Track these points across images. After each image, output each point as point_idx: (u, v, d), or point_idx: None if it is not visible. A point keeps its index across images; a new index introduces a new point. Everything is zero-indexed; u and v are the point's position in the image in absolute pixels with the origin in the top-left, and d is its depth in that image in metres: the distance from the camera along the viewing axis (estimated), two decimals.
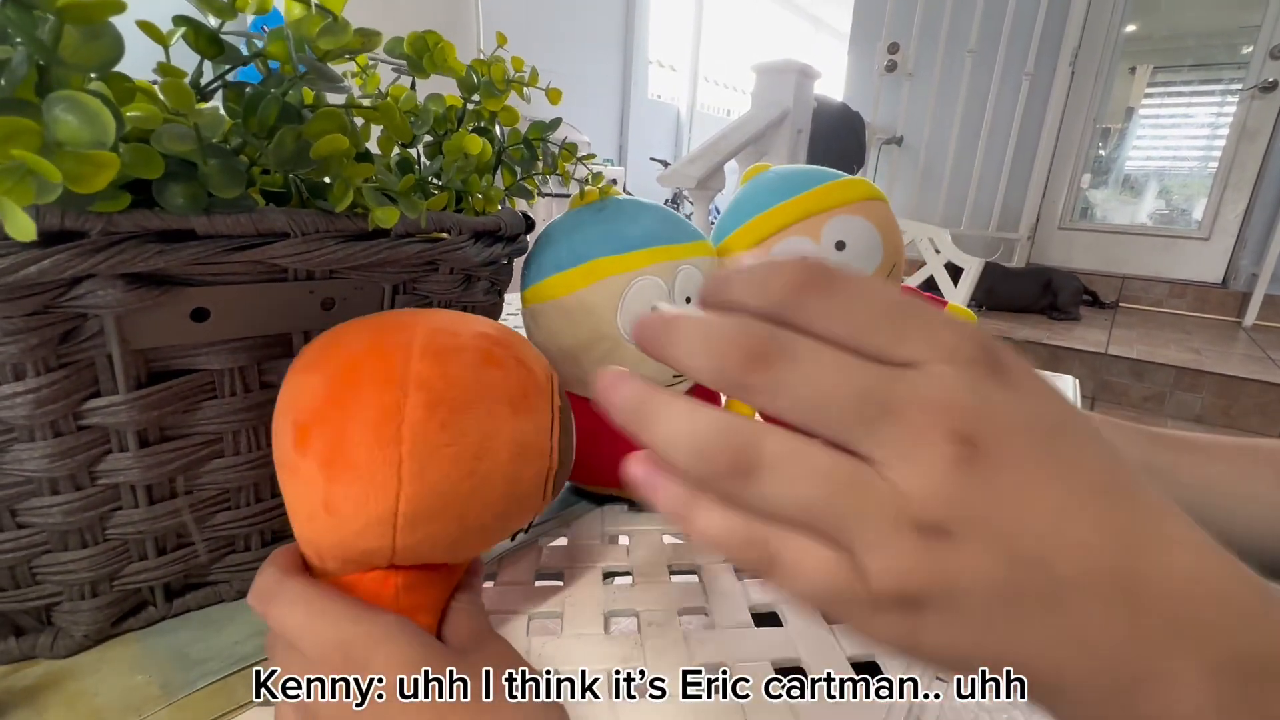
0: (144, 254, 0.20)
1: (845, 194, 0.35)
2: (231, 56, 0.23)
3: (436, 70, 0.30)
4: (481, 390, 0.21)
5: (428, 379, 0.20)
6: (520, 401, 0.22)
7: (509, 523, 0.23)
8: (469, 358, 0.21)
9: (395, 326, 0.22)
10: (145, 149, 0.19)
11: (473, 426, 0.20)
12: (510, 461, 0.21)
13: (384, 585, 0.21)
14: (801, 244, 0.35)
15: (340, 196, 0.22)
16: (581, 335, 0.31)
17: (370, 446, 0.19)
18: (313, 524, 0.20)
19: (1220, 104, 2.28)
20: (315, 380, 0.21)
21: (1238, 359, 1.66)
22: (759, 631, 0.29)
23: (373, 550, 0.20)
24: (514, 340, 0.24)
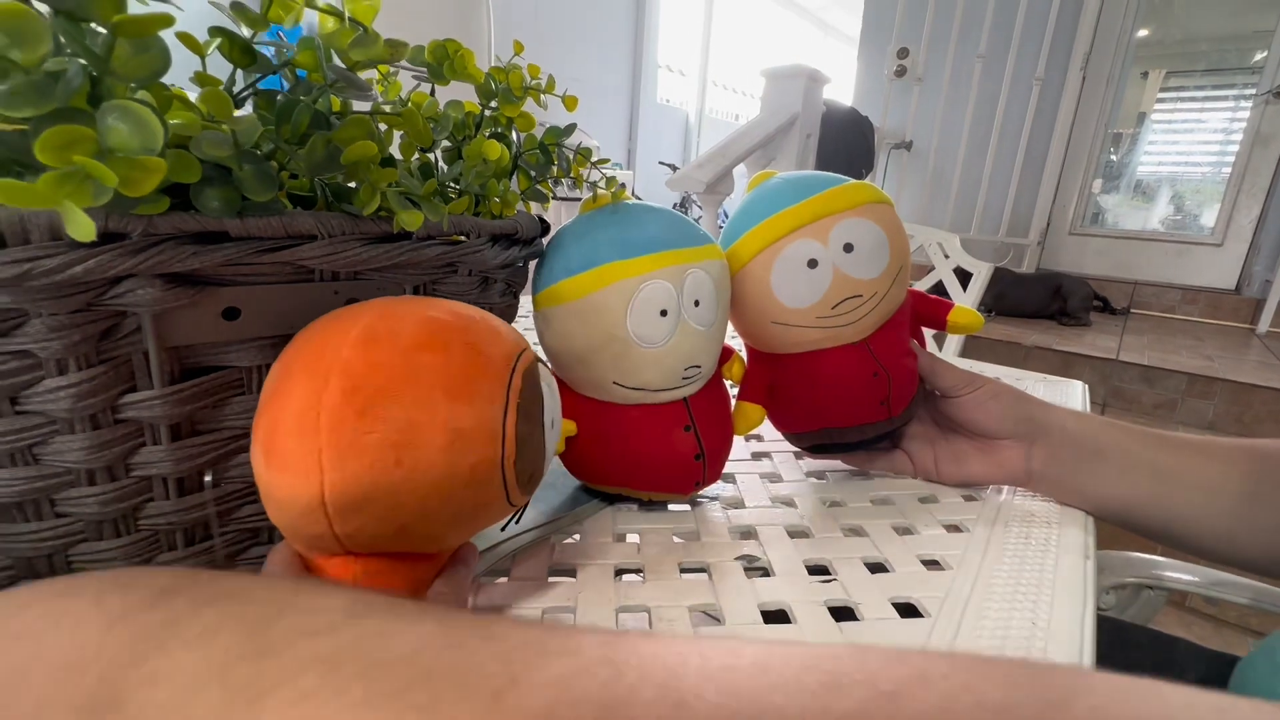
0: (180, 255, 0.21)
1: (852, 198, 0.36)
2: (263, 66, 0.24)
3: (456, 77, 0.31)
4: (411, 376, 0.20)
5: (350, 366, 0.20)
6: (461, 388, 0.21)
7: (462, 512, 0.22)
8: (402, 342, 0.21)
9: (348, 315, 0.22)
10: (184, 155, 0.20)
11: (398, 413, 0.20)
12: (444, 450, 0.20)
13: (344, 571, 0.21)
14: (810, 247, 0.35)
15: (367, 200, 0.23)
16: (593, 338, 0.32)
17: (294, 435, 0.19)
18: (268, 509, 0.21)
19: (1234, 109, 2.26)
20: (274, 371, 0.22)
21: (1251, 366, 1.65)
22: (769, 629, 0.29)
23: (318, 535, 0.20)
24: (471, 325, 0.23)
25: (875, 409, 0.39)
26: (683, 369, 0.33)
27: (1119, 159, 2.55)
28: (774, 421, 0.42)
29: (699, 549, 0.35)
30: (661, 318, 0.31)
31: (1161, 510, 0.38)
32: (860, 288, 0.36)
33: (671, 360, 0.33)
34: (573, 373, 0.35)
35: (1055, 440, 0.40)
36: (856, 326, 0.37)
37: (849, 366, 0.38)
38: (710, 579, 0.33)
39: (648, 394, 0.34)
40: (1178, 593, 0.51)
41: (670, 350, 0.32)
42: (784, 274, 0.35)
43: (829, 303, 0.36)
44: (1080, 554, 0.36)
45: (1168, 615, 1.35)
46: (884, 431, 0.41)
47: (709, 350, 0.34)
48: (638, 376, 0.33)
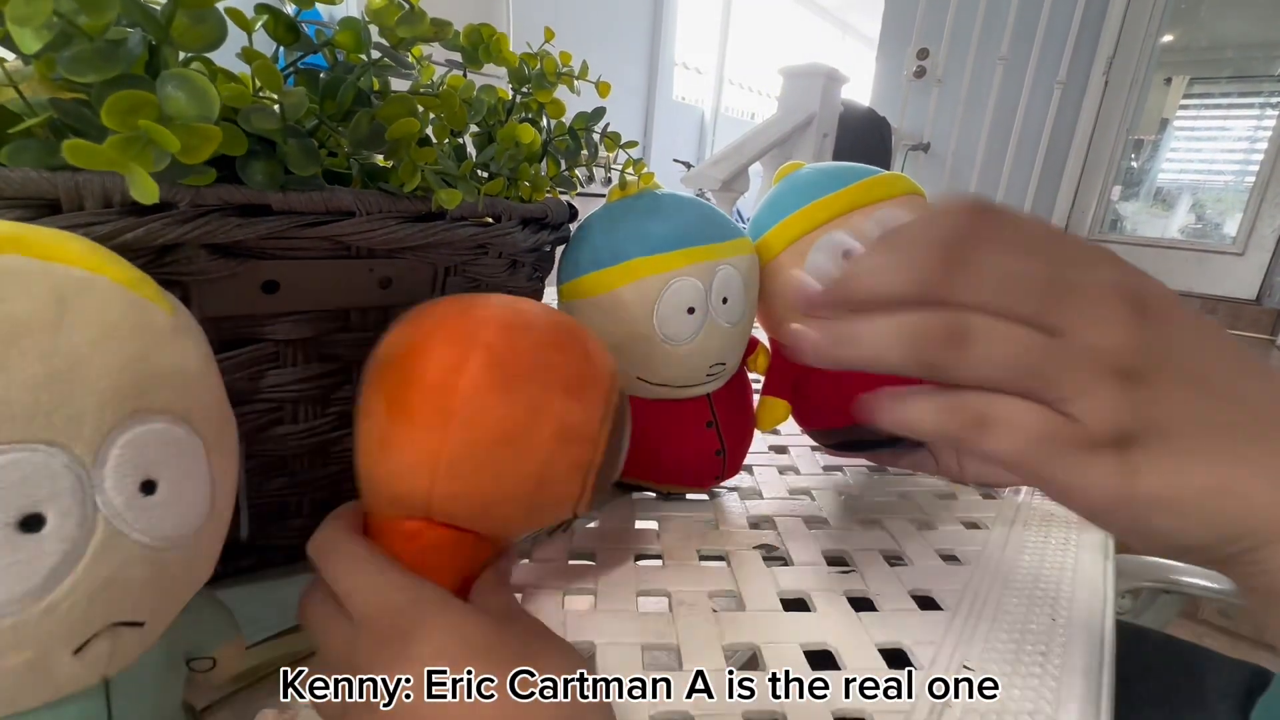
0: (225, 226, 0.21)
1: (887, 189, 0.35)
2: (305, 44, 0.24)
3: (491, 60, 0.31)
4: (540, 367, 0.22)
5: (494, 345, 0.21)
6: (575, 388, 0.23)
7: (542, 503, 0.23)
8: (537, 336, 0.23)
9: (481, 303, 0.24)
10: (231, 127, 0.20)
11: (524, 397, 0.21)
12: (551, 439, 0.22)
13: (416, 537, 0.22)
14: (844, 238, 0.34)
15: (408, 177, 0.23)
16: (618, 335, 0.32)
17: (429, 393, 0.21)
18: (369, 458, 0.22)
19: (1259, 117, 2.23)
20: (403, 334, 0.23)
21: None
22: (788, 615, 0.29)
23: (413, 490, 0.21)
24: (586, 335, 0.25)
25: None
26: (708, 366, 0.33)
27: (1140, 165, 2.51)
28: (798, 418, 0.41)
29: (718, 537, 0.35)
30: (688, 315, 0.31)
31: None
32: None
33: (697, 358, 0.33)
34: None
35: None
36: None
37: None
38: (730, 566, 0.33)
39: (671, 390, 0.34)
40: (1190, 605, 0.50)
41: (696, 349, 0.32)
42: (819, 264, 0.34)
43: None
44: (1100, 553, 0.36)
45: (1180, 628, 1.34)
46: None
47: (735, 348, 0.35)
48: (662, 374, 0.33)
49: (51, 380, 0.13)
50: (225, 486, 0.18)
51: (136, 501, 0.14)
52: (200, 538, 0.17)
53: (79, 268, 0.15)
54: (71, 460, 0.13)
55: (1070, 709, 0.25)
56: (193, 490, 0.16)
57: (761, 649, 0.27)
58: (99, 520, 0.13)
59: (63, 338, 0.13)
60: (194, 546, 0.16)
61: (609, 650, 0.26)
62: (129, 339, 0.15)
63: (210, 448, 0.17)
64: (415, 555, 0.22)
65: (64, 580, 0.13)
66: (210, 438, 0.17)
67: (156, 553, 0.15)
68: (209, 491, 0.17)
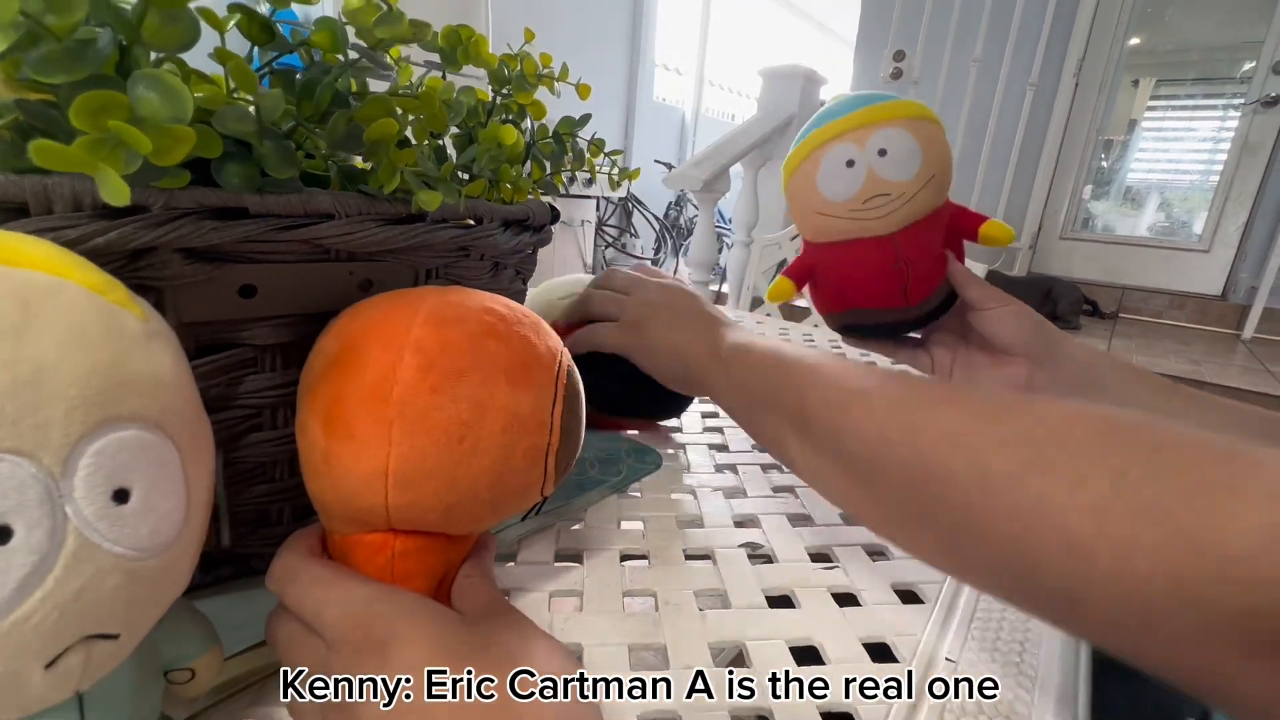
0: (201, 230, 0.21)
1: (896, 111, 0.41)
2: (280, 44, 0.24)
3: (470, 62, 0.31)
4: (478, 359, 0.21)
5: (424, 344, 0.21)
6: (520, 375, 0.22)
7: (505, 496, 0.23)
8: (470, 327, 0.22)
9: (409, 298, 0.23)
10: (206, 129, 0.20)
11: (466, 393, 0.21)
12: (503, 432, 0.21)
13: (382, 548, 0.22)
14: (849, 149, 0.41)
15: (387, 179, 0.23)
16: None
17: (364, 405, 0.20)
18: (316, 481, 0.21)
19: (1222, 118, 2.30)
20: (330, 344, 0.22)
21: (1236, 371, 1.67)
22: (774, 612, 0.29)
23: (368, 508, 0.21)
24: (523, 318, 0.24)
25: (895, 296, 0.43)
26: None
27: (1110, 165, 2.58)
28: (814, 303, 0.48)
29: (702, 536, 0.35)
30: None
31: None
32: (889, 188, 0.41)
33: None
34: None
35: (1061, 365, 0.42)
36: (884, 221, 0.42)
37: (873, 256, 0.43)
38: (715, 564, 0.33)
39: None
40: None
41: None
42: (827, 171, 0.41)
43: (861, 198, 0.41)
44: None
45: None
46: (905, 319, 0.45)
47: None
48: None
49: (16, 388, 0.13)
50: (201, 494, 0.17)
51: (109, 511, 0.14)
52: (176, 547, 0.16)
53: (43, 272, 0.14)
54: (39, 470, 0.13)
55: (1048, 695, 0.25)
56: (167, 499, 0.16)
57: (747, 646, 0.27)
58: (70, 531, 0.13)
59: (28, 344, 0.13)
60: (170, 556, 0.16)
61: (596, 651, 0.26)
62: (98, 345, 0.14)
63: (185, 455, 0.17)
64: (385, 566, 0.21)
65: (34, 593, 0.13)
66: (185, 445, 0.16)
67: (130, 563, 0.14)
68: (184, 500, 0.16)
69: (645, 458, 0.44)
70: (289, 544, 0.22)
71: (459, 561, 0.24)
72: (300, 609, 0.19)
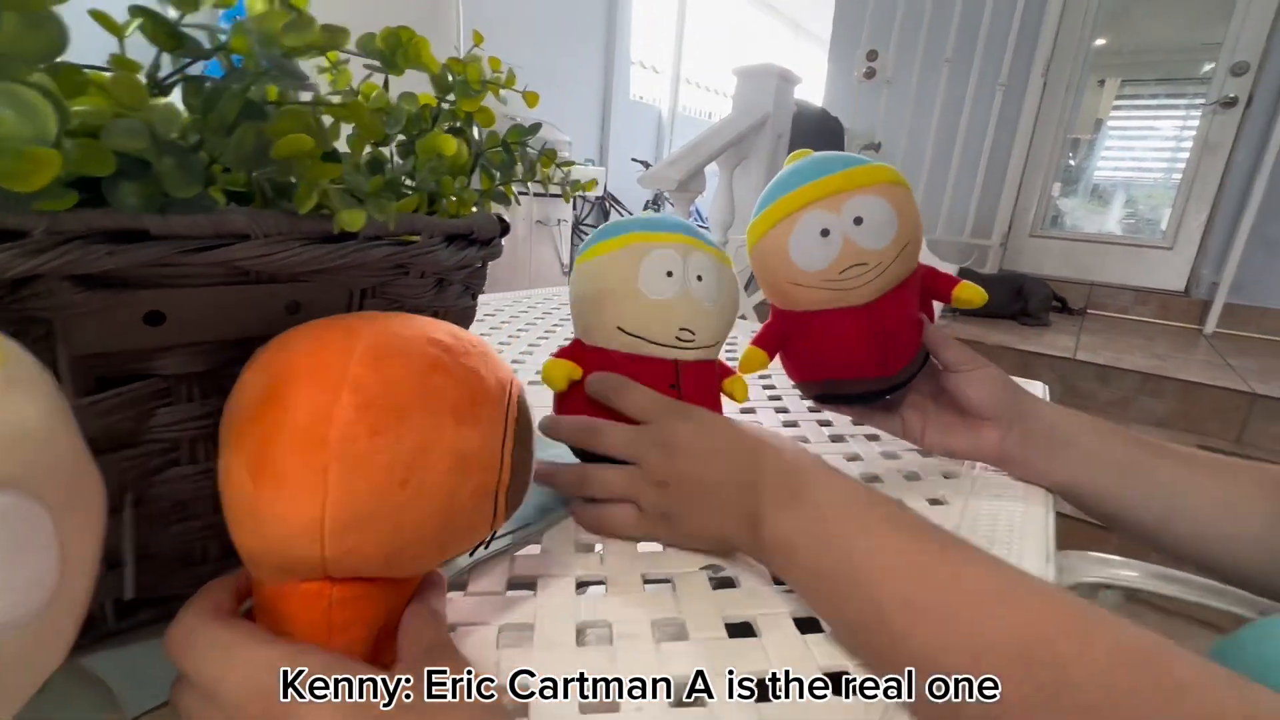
0: (92, 255, 0.19)
1: (868, 177, 0.40)
2: (192, 50, 0.22)
3: (410, 66, 0.29)
4: (422, 396, 0.20)
5: (363, 382, 0.19)
6: (466, 411, 0.21)
7: (452, 537, 0.22)
8: (413, 363, 0.20)
9: (344, 328, 0.21)
10: (95, 144, 0.18)
11: (409, 434, 0.19)
12: (448, 473, 0.20)
13: (318, 598, 0.20)
14: (824, 218, 0.40)
15: (304, 198, 0.21)
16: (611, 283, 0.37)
17: (297, 450, 0.18)
18: (242, 530, 0.20)
19: (1184, 118, 2.35)
20: (255, 380, 0.20)
21: (1198, 365, 1.71)
22: (733, 642, 0.28)
23: (302, 559, 0.19)
24: (471, 348, 0.23)
25: (873, 366, 0.43)
26: (678, 328, 0.37)
27: (1077, 164, 2.63)
28: (786, 370, 0.47)
29: (663, 560, 0.34)
30: (667, 278, 0.37)
31: (1118, 500, 0.41)
32: (866, 256, 0.40)
33: (668, 315, 0.37)
34: (586, 319, 0.39)
35: (1032, 427, 0.43)
36: (861, 291, 0.41)
37: (852, 326, 0.42)
38: (674, 591, 0.32)
39: (644, 344, 0.37)
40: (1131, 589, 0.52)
41: (672, 304, 0.37)
42: (800, 240, 0.40)
43: (837, 268, 0.40)
44: (1041, 556, 0.37)
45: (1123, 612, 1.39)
46: (882, 388, 0.44)
47: (707, 325, 0.38)
48: (636, 324, 0.37)
49: None
50: (82, 550, 0.16)
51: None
52: (50, 614, 0.15)
53: None
54: None
55: None
56: (29, 565, 0.14)
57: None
58: None
59: None
60: (42, 625, 0.14)
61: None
62: None
63: (59, 512, 0.15)
64: (321, 617, 0.20)
65: None
66: (59, 501, 0.15)
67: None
68: (55, 563, 0.15)
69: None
70: (190, 603, 0.20)
71: (403, 605, 0.23)
72: (199, 678, 0.18)
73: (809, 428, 0.55)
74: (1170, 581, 0.50)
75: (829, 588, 0.28)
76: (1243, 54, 2.11)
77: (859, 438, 0.53)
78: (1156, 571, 0.50)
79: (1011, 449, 0.44)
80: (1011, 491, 0.44)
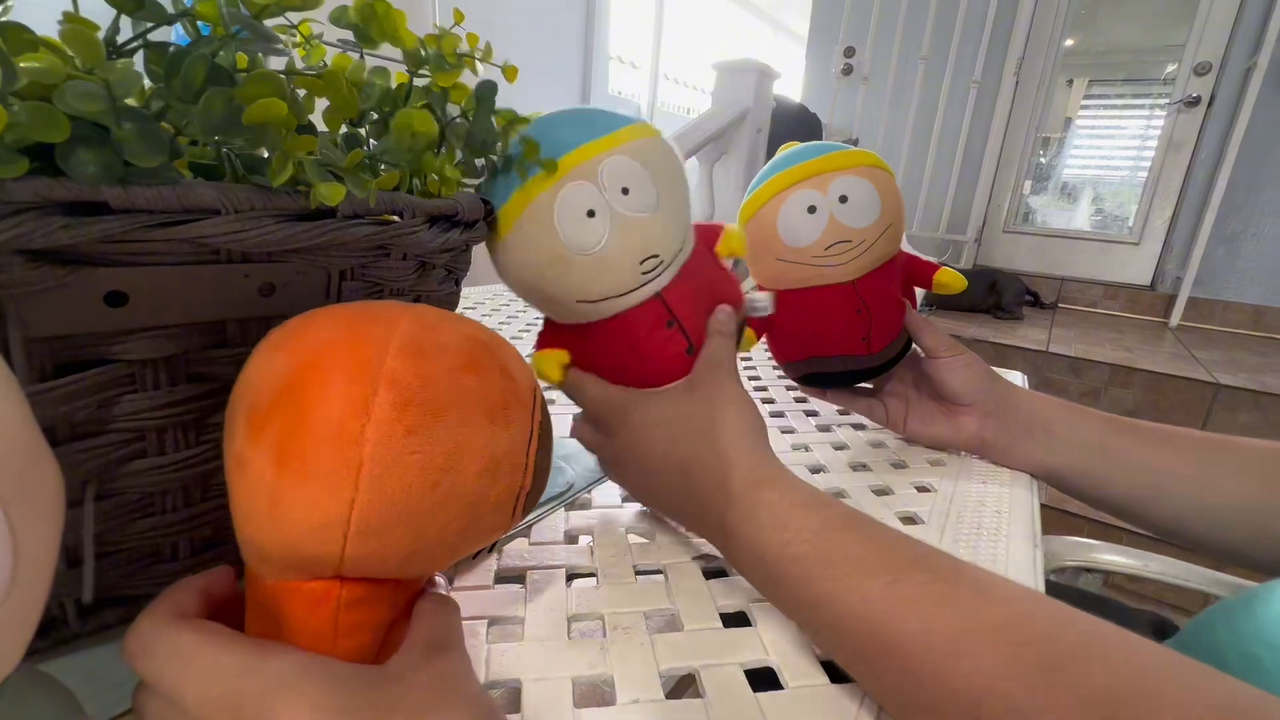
0: (45, 228, 0.18)
1: (853, 160, 0.42)
2: (153, 13, 0.21)
3: (385, 39, 0.28)
4: (458, 396, 0.19)
5: (401, 377, 0.18)
6: (499, 413, 0.20)
7: (470, 540, 0.21)
8: (450, 360, 0.19)
9: (376, 317, 0.20)
10: (47, 108, 0.17)
11: (444, 435, 0.19)
12: (479, 476, 0.19)
13: (325, 598, 0.19)
14: (811, 196, 0.41)
15: (279, 170, 0.20)
16: (538, 262, 0.31)
17: (329, 444, 0.17)
18: (255, 523, 0.18)
19: (1149, 117, 2.41)
20: (280, 363, 0.19)
21: (1164, 357, 1.76)
22: (727, 632, 0.28)
23: (318, 557, 0.18)
24: (501, 347, 0.22)
25: (857, 343, 0.44)
26: (638, 264, 0.31)
27: (1047, 161, 2.68)
28: (772, 350, 0.48)
29: (654, 550, 0.34)
30: (590, 219, 0.30)
31: (1099, 481, 0.42)
32: (851, 234, 0.41)
33: (619, 258, 0.30)
34: (542, 305, 0.34)
35: (1010, 414, 0.44)
36: (846, 268, 0.42)
37: (836, 302, 0.43)
38: (667, 581, 0.31)
39: (616, 301, 0.32)
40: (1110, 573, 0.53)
41: (613, 249, 0.30)
42: (788, 217, 0.41)
43: (823, 244, 0.41)
44: (1029, 541, 0.37)
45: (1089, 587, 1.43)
46: (865, 367, 0.45)
47: (663, 235, 0.31)
48: (595, 288, 0.31)
49: None
50: (36, 545, 0.14)
51: None
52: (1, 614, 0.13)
53: None
54: None
55: None
56: None
57: (700, 672, 0.25)
58: None
59: None
60: None
61: (537, 687, 0.24)
62: None
63: (11, 505, 0.14)
64: (328, 619, 0.19)
65: None
66: (9, 492, 0.14)
67: None
68: (10, 558, 0.13)
69: (593, 465, 0.41)
70: (150, 607, 0.18)
71: (407, 606, 0.22)
72: (160, 684, 0.17)
73: (795, 418, 0.54)
74: (1149, 564, 0.51)
75: (795, 621, 0.27)
76: (1205, 55, 2.17)
77: (845, 427, 0.53)
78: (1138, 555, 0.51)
79: (991, 435, 0.44)
80: (997, 478, 0.44)
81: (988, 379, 0.44)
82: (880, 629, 0.22)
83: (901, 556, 0.24)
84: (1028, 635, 0.21)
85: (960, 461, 0.47)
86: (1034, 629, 0.21)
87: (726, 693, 0.24)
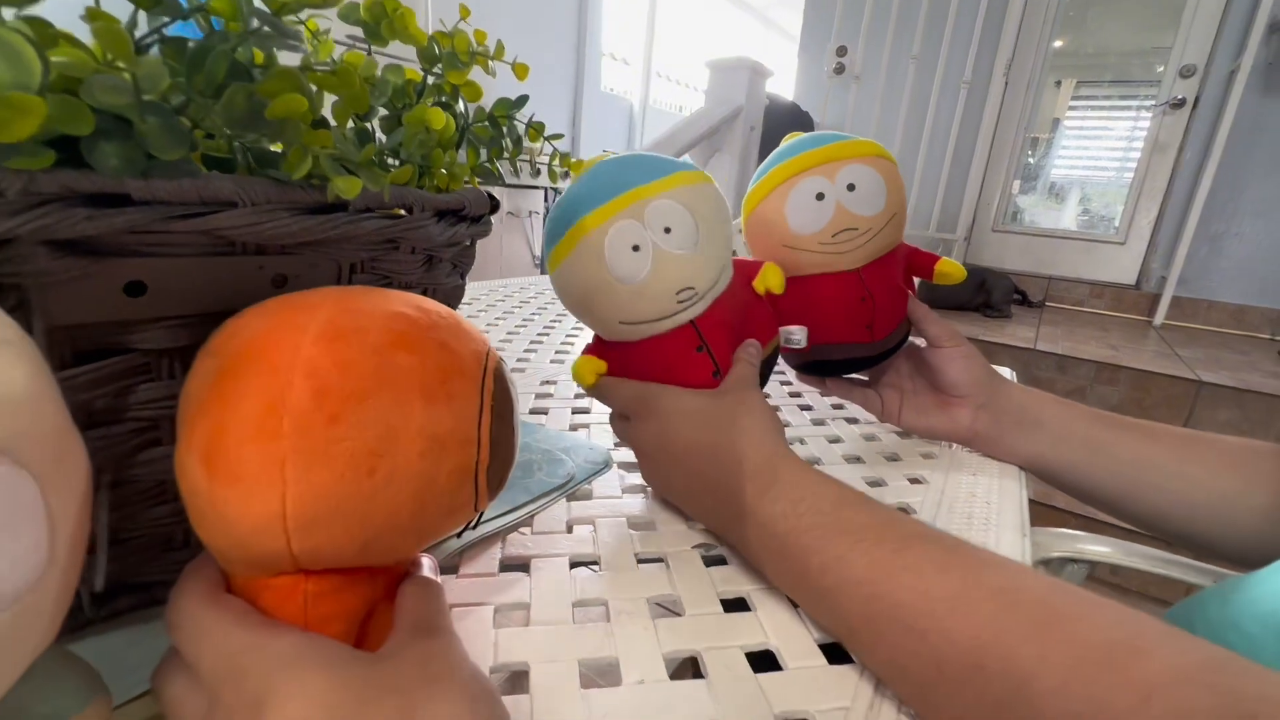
0: (70, 219, 0.18)
1: (860, 149, 0.42)
2: (170, 9, 0.21)
3: (395, 37, 0.28)
4: (386, 377, 0.18)
5: (318, 365, 0.18)
6: (437, 389, 0.19)
7: (431, 522, 0.21)
8: (373, 340, 0.19)
9: (301, 306, 0.20)
10: (73, 101, 0.17)
11: (373, 418, 0.18)
12: (421, 457, 0.19)
13: (292, 592, 0.19)
14: (820, 183, 0.41)
15: (298, 162, 0.21)
16: (587, 288, 0.35)
17: (251, 443, 0.17)
18: (203, 527, 0.19)
19: (1135, 118, 2.45)
20: (206, 367, 0.19)
21: (1149, 355, 1.79)
22: (729, 617, 0.29)
23: (270, 554, 0.18)
24: (439, 320, 0.21)
25: (861, 331, 0.44)
26: (674, 294, 0.34)
27: (1036, 161, 2.71)
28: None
29: (655, 539, 0.34)
30: (635, 253, 0.34)
31: (1085, 474, 0.43)
32: (858, 222, 0.41)
33: (657, 288, 0.34)
34: (591, 323, 0.38)
35: (1002, 407, 0.45)
36: (851, 256, 0.42)
37: (841, 290, 0.43)
38: (668, 568, 0.32)
39: (653, 325, 0.35)
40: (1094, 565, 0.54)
41: (652, 280, 0.34)
42: (796, 203, 0.41)
43: (830, 231, 0.41)
44: (1018, 532, 0.38)
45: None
46: (868, 354, 0.46)
47: (699, 271, 0.35)
48: (634, 312, 0.35)
49: None
50: (71, 527, 0.15)
51: None
52: (37, 592, 0.14)
53: None
54: None
55: None
56: (18, 540, 0.13)
57: (703, 654, 0.26)
58: None
59: None
60: (29, 604, 0.14)
61: (544, 669, 0.25)
62: None
63: (47, 484, 0.14)
64: (298, 611, 0.19)
65: None
66: (46, 472, 0.14)
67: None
68: (46, 537, 0.14)
69: (593, 456, 0.42)
70: (183, 583, 0.19)
71: (389, 591, 0.22)
72: (186, 658, 0.17)
73: (790, 412, 0.55)
74: (1133, 555, 0.52)
75: (799, 599, 0.29)
76: (1190, 57, 2.20)
77: (839, 421, 0.54)
78: (1121, 546, 0.52)
79: (983, 427, 0.45)
80: (988, 470, 0.45)
81: (985, 372, 0.45)
82: (886, 589, 0.24)
83: (908, 530, 0.26)
84: (1026, 597, 0.22)
85: (951, 454, 0.48)
86: (1032, 593, 0.23)
87: (728, 674, 0.25)
